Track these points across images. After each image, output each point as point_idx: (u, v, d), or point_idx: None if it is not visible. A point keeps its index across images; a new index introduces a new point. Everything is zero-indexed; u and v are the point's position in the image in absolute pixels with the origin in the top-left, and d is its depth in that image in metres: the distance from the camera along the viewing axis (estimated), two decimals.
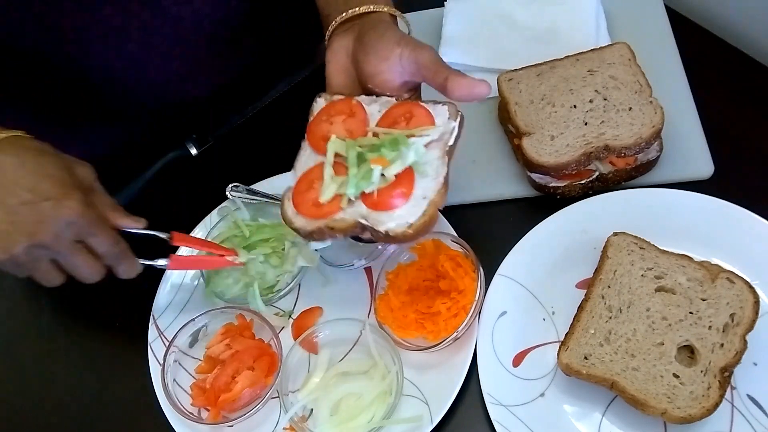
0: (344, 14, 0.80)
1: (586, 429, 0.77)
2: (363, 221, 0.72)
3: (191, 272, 0.96)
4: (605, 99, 0.89)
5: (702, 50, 1.00)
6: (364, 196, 0.73)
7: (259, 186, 0.98)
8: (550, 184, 0.89)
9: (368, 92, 0.79)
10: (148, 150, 1.06)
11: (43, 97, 0.99)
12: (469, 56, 1.03)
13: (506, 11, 1.06)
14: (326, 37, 0.82)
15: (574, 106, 0.89)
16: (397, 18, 0.81)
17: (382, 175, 0.72)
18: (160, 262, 0.86)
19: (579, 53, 0.94)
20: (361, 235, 0.75)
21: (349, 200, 0.73)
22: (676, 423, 0.73)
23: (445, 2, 1.09)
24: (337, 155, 0.75)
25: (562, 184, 0.89)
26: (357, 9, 0.79)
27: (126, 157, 1.08)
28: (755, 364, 0.76)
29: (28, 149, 0.77)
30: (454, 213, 0.90)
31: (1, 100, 0.96)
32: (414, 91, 0.80)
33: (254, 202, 0.97)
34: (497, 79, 0.94)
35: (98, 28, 0.91)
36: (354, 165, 0.73)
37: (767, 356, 0.77)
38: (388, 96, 0.78)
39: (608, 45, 0.94)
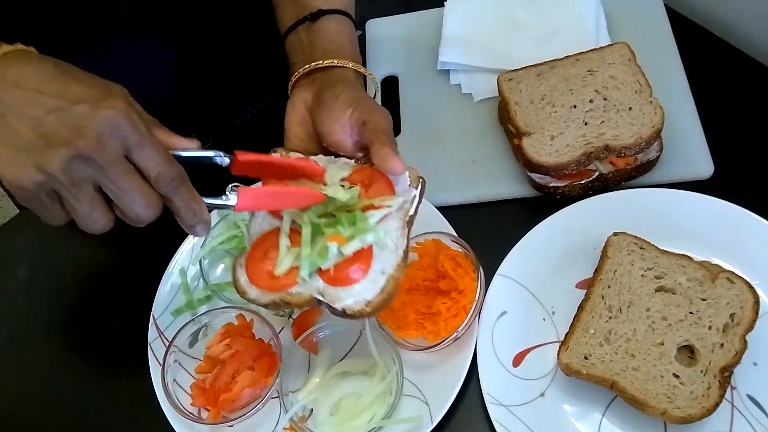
0: (306, 66, 0.78)
1: (586, 429, 0.77)
2: (319, 297, 0.69)
3: (192, 272, 0.96)
4: (605, 99, 0.89)
5: (702, 50, 1.00)
6: (320, 270, 0.69)
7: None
8: (550, 184, 0.89)
9: (324, 149, 0.76)
10: None
11: None
12: (469, 56, 1.03)
13: (506, 11, 1.06)
14: (289, 87, 0.80)
15: (574, 106, 0.89)
16: (365, 75, 0.80)
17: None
18: (228, 200, 0.68)
19: (579, 53, 0.94)
20: (318, 307, 0.71)
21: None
22: (676, 423, 0.73)
23: (445, 2, 1.09)
24: (293, 221, 0.71)
25: (562, 184, 0.89)
26: (321, 62, 0.77)
27: None
28: (755, 364, 0.76)
29: (45, 59, 0.64)
30: (454, 213, 0.90)
31: None
32: (368, 151, 0.76)
33: None
34: (497, 79, 0.94)
35: (111, 64, 0.90)
36: (307, 244, 0.69)
37: (767, 356, 0.77)
38: (344, 156, 0.75)
39: (608, 45, 0.94)
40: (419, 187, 0.72)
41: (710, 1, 1.03)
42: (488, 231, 0.91)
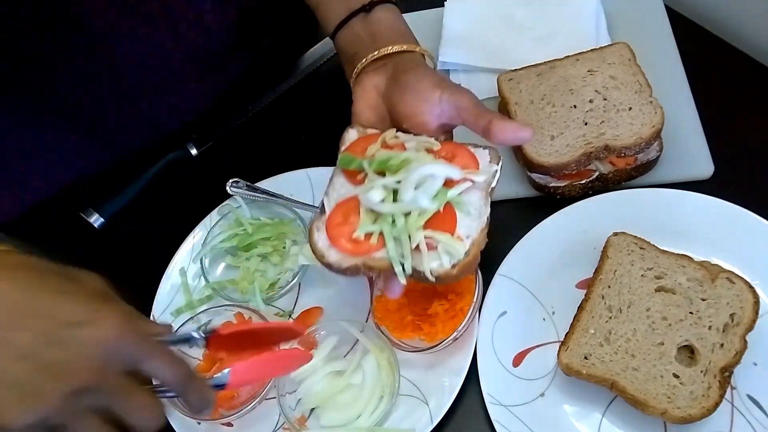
0: (376, 53, 0.78)
1: (586, 429, 0.77)
2: (404, 261, 0.69)
3: (192, 270, 0.96)
4: (605, 99, 0.89)
5: (702, 50, 1.00)
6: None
7: (259, 185, 0.98)
8: (550, 184, 0.89)
9: (399, 130, 0.77)
10: (148, 150, 1.06)
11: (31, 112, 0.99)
12: (469, 56, 1.03)
13: (506, 11, 1.06)
14: (353, 75, 0.80)
15: (574, 106, 0.89)
16: (426, 57, 0.81)
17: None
18: (220, 378, 0.67)
19: (579, 53, 0.94)
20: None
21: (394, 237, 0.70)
22: (676, 423, 0.73)
23: (445, 2, 1.09)
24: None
25: (562, 184, 0.89)
26: (390, 48, 0.78)
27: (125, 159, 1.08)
28: (755, 364, 0.76)
29: (21, 266, 0.59)
30: None
31: (22, 112, 0.96)
32: (448, 134, 0.79)
33: (254, 199, 0.97)
34: (497, 79, 0.94)
35: (93, 68, 0.90)
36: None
37: (767, 356, 0.77)
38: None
39: (608, 45, 0.94)
40: (500, 163, 0.74)
41: (710, 1, 1.04)
42: (488, 231, 0.91)
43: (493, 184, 0.73)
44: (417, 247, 0.69)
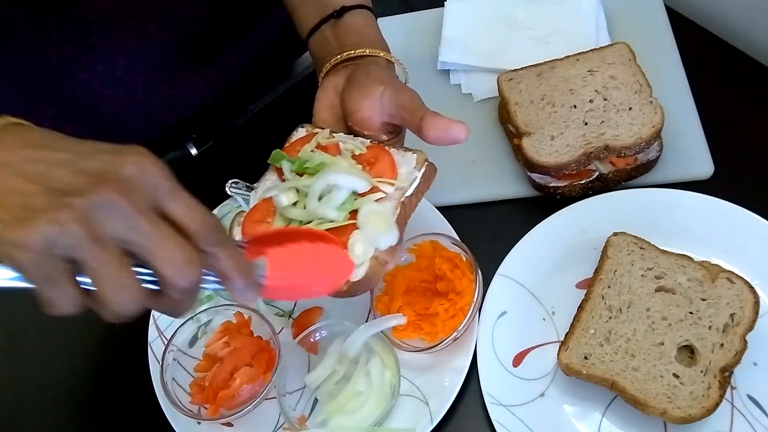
0: (338, 56, 0.78)
1: (586, 429, 0.77)
2: None
3: None
4: (605, 99, 0.89)
5: (702, 50, 1.00)
6: None
7: None
8: (550, 184, 0.89)
9: (350, 130, 0.76)
10: (147, 149, 1.05)
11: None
12: (469, 56, 1.03)
13: (506, 11, 1.06)
14: (320, 78, 0.80)
15: (574, 106, 0.89)
16: (395, 65, 0.80)
17: None
18: (257, 267, 0.60)
19: (579, 53, 0.94)
20: None
21: None
22: (676, 423, 0.72)
23: (445, 2, 1.09)
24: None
25: (562, 184, 0.89)
26: (353, 52, 0.78)
27: None
28: (755, 364, 0.76)
29: (47, 130, 0.56)
30: (454, 213, 0.90)
31: None
32: (394, 134, 0.76)
33: None
34: (497, 79, 0.94)
35: (85, 58, 0.90)
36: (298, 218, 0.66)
37: (767, 356, 0.77)
38: (365, 136, 0.74)
39: (608, 45, 0.94)
40: (422, 170, 0.69)
41: (710, 1, 1.04)
42: (488, 231, 0.91)
43: (408, 193, 0.68)
44: None
